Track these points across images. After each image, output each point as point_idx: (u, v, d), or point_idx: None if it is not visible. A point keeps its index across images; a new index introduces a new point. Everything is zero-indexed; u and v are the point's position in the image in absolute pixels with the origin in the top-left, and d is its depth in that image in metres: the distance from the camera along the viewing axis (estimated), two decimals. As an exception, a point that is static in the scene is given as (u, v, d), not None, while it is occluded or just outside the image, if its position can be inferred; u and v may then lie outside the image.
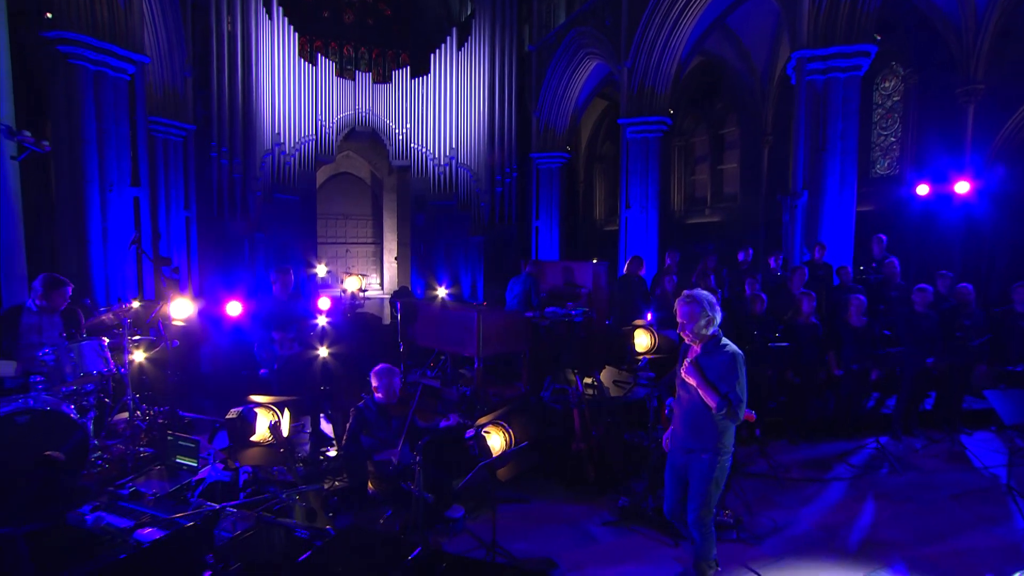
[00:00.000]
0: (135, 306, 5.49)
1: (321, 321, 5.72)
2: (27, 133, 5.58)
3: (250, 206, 13.89)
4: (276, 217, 14.57)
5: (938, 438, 5.84)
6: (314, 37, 16.86)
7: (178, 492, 3.43)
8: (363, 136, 17.02)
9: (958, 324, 5.75)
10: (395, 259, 19.92)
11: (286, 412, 4.57)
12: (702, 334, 3.11)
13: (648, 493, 4.35)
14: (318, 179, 16.70)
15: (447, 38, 16.02)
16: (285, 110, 14.66)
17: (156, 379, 5.60)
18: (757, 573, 3.60)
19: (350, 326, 8.40)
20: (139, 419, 4.70)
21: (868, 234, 8.05)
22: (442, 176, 16.30)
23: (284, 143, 14.66)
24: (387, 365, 3.85)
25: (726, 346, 3.13)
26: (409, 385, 5.74)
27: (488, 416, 4.54)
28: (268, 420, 4.21)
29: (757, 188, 14.39)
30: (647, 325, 5.86)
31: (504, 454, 3.77)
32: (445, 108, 16.16)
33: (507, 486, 4.66)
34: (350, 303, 9.77)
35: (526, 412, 5.03)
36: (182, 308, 5.95)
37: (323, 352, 5.33)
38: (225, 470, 3.82)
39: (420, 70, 16.48)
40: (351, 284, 10.71)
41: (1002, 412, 4.35)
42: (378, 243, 20.30)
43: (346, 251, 19.95)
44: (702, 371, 3.11)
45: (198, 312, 6.79)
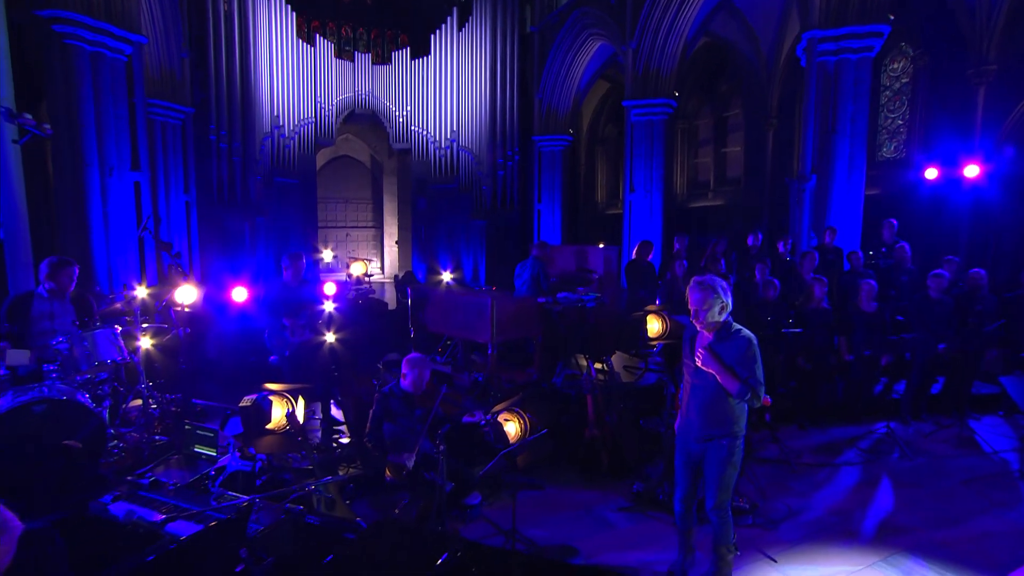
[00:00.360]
0: (142, 293, 5.43)
1: (328, 307, 5.67)
2: (28, 116, 5.47)
3: (250, 190, 13.74)
4: (276, 201, 14.43)
5: (947, 423, 5.85)
6: (312, 17, 16.51)
7: (198, 482, 3.42)
8: (363, 119, 16.79)
9: (971, 310, 5.74)
10: (395, 243, 19.81)
11: (300, 400, 4.54)
12: (716, 320, 3.09)
13: (664, 479, 4.37)
14: (317, 162, 16.51)
15: (447, 18, 15.73)
16: (284, 92, 14.43)
17: (167, 367, 5.56)
18: (774, 559, 3.62)
19: (358, 311, 8.35)
20: (152, 407, 4.67)
21: (873, 218, 8.00)
22: (443, 159, 16.14)
23: (283, 126, 14.46)
24: (420, 355, 3.81)
25: (740, 331, 3.11)
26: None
27: (503, 403, 4.53)
28: (285, 408, 4.19)
29: (761, 172, 14.28)
30: (659, 310, 5.82)
31: (523, 442, 3.76)
32: (446, 90, 15.93)
33: (520, 472, 4.68)
34: (356, 288, 9.71)
35: (540, 399, 5.02)
36: (187, 294, 5.90)
37: (330, 338, 5.29)
38: (242, 459, 3.81)
39: (420, 51, 16.21)
40: (356, 269, 10.65)
41: (1018, 398, 4.36)
42: (378, 227, 20.17)
43: (346, 235, 19.82)
44: (720, 357, 3.09)
45: (202, 298, 6.73)
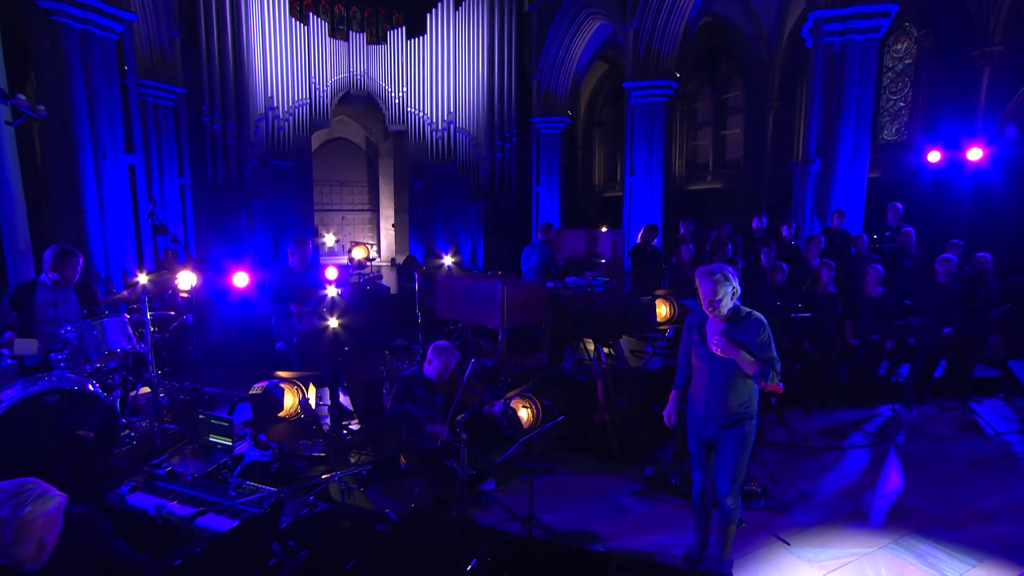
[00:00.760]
0: (144, 280, 5.34)
1: (331, 292, 5.62)
2: (22, 97, 5.30)
3: (245, 173, 13.49)
4: (272, 184, 14.20)
5: (950, 406, 5.91)
6: (304, -7, 16.10)
7: (216, 471, 3.39)
8: (358, 100, 16.49)
9: (976, 294, 5.76)
10: (392, 226, 19.63)
11: (311, 387, 4.52)
12: (727, 306, 3.09)
13: (675, 463, 4.39)
14: (312, 144, 16.26)
15: (444, -4, 15.41)
16: (277, 72, 14.12)
17: (175, 354, 5.50)
18: (787, 542, 3.67)
19: (364, 297, 8.29)
20: (160, 395, 4.62)
21: (874, 201, 7.99)
22: (440, 141, 15.93)
23: (278, 107, 14.19)
24: (446, 343, 3.77)
25: (751, 313, 3.13)
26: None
27: (515, 390, 4.52)
28: (296, 396, 4.16)
29: (761, 154, 14.23)
30: (666, 295, 5.82)
31: (542, 428, 3.76)
32: (442, 71, 15.65)
33: (533, 458, 4.69)
34: (358, 272, 9.63)
35: (550, 384, 5.02)
36: (187, 279, 5.83)
37: (333, 323, 5.24)
38: (256, 447, 3.79)
39: (416, 30, 15.88)
40: (358, 253, 10.56)
41: (1026, 382, 4.40)
42: (374, 210, 19.95)
43: (342, 218, 19.62)
44: (738, 343, 3.09)
45: (202, 284, 6.66)
